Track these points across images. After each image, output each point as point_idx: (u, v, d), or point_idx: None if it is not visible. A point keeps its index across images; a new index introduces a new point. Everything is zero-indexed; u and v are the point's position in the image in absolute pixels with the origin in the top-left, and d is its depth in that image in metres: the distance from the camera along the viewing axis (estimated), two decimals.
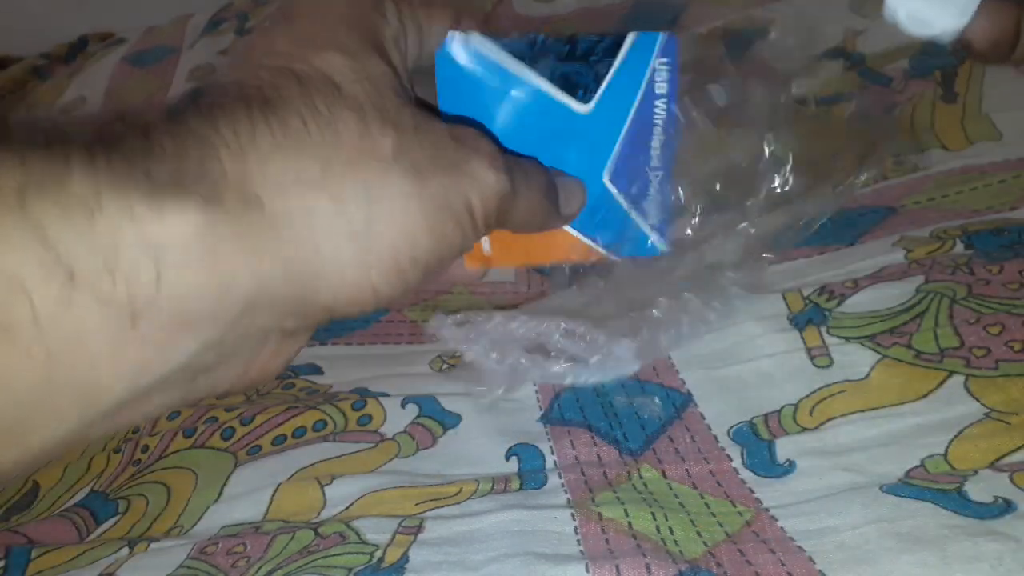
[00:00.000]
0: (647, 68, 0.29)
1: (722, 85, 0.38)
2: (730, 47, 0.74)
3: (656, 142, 0.30)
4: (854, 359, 0.41)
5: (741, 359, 0.43)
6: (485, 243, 0.30)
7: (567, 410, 0.43)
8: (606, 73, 0.29)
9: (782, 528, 0.34)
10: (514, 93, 0.28)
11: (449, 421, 0.44)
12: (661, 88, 0.29)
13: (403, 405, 0.45)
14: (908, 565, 0.30)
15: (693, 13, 0.79)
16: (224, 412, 0.46)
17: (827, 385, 0.40)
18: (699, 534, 0.34)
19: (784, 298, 0.45)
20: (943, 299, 0.42)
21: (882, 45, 0.67)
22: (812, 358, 0.42)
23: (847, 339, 0.42)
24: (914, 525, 0.31)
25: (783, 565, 0.32)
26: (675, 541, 0.34)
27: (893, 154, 0.55)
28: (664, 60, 0.29)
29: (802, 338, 0.43)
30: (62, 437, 0.19)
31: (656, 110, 0.30)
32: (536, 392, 0.45)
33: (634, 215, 0.31)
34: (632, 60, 0.29)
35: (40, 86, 1.12)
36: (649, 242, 0.33)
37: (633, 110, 0.29)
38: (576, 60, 0.29)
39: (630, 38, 0.29)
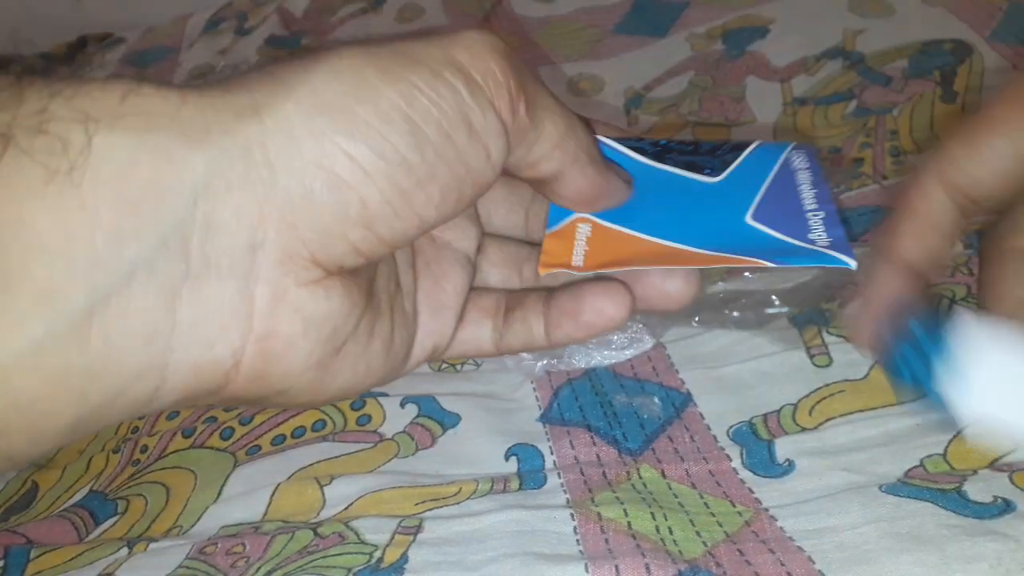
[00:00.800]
0: (780, 154, 0.28)
1: None
2: (730, 46, 0.74)
3: (807, 195, 0.27)
4: (854, 358, 0.41)
5: (740, 358, 0.43)
6: (579, 252, 0.26)
7: (566, 410, 0.43)
8: (733, 161, 0.28)
9: (781, 528, 0.34)
10: (641, 177, 0.28)
11: (448, 421, 0.44)
12: (800, 164, 0.28)
13: (402, 405, 0.45)
14: (907, 564, 0.30)
15: (693, 13, 0.79)
16: (223, 412, 0.46)
17: (826, 385, 0.40)
18: (698, 534, 0.34)
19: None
20: (942, 300, 0.42)
21: (882, 44, 0.67)
22: (811, 357, 0.42)
23: (847, 338, 0.42)
24: (913, 525, 0.31)
25: (782, 565, 0.32)
26: (674, 541, 0.34)
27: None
28: (798, 153, 0.28)
29: (802, 337, 0.43)
30: (27, 345, 0.17)
31: (798, 180, 0.28)
32: (535, 392, 0.45)
33: (798, 242, 0.26)
34: (763, 151, 0.29)
35: None
36: (833, 258, 0.26)
37: (770, 176, 0.28)
38: (701, 155, 0.28)
39: (756, 143, 0.29)
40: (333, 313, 0.21)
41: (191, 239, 0.18)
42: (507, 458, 0.41)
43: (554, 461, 0.40)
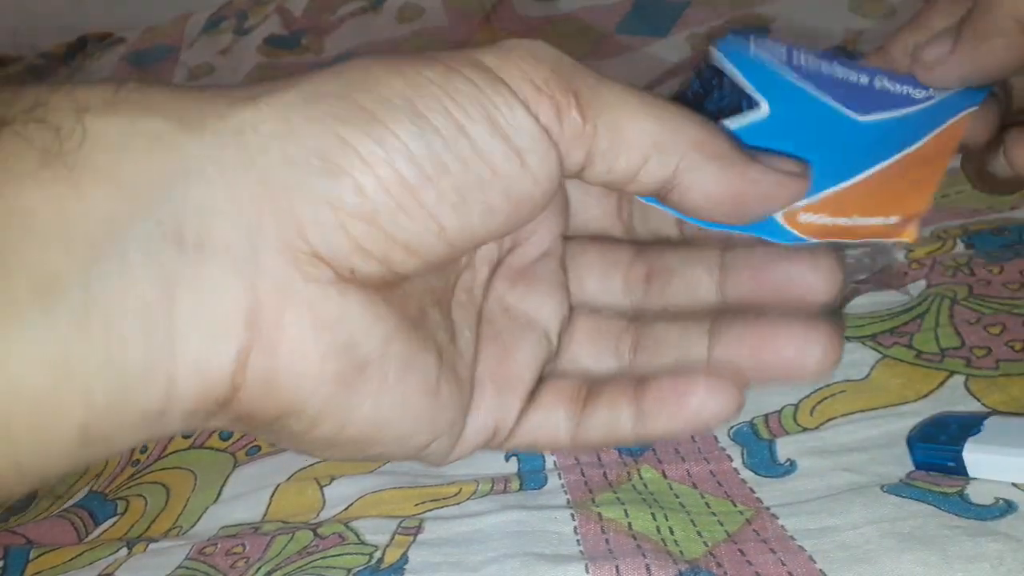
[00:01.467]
0: (749, 57, 0.26)
1: None
2: None
3: (839, 72, 0.27)
4: (855, 358, 0.41)
5: None
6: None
7: None
8: (731, 86, 0.26)
9: (783, 526, 0.34)
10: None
11: None
12: (780, 57, 0.27)
13: None
14: (909, 564, 0.30)
15: (694, 13, 0.79)
16: None
17: (827, 385, 0.40)
18: (699, 534, 0.34)
19: None
20: (944, 299, 0.42)
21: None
22: None
23: (848, 338, 0.42)
24: (915, 525, 0.31)
25: (783, 565, 0.31)
26: (675, 541, 0.33)
27: None
28: (755, 48, 0.27)
29: None
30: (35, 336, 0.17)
31: (802, 62, 0.27)
32: None
33: (924, 105, 0.27)
34: (736, 63, 0.27)
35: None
36: (972, 96, 0.28)
37: (792, 78, 0.26)
38: (703, 100, 0.26)
39: (715, 54, 0.27)
40: (349, 317, 0.19)
41: (186, 224, 0.18)
42: (507, 458, 0.41)
43: (555, 461, 0.40)
